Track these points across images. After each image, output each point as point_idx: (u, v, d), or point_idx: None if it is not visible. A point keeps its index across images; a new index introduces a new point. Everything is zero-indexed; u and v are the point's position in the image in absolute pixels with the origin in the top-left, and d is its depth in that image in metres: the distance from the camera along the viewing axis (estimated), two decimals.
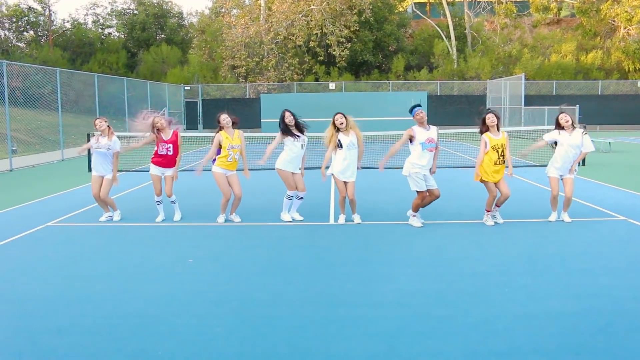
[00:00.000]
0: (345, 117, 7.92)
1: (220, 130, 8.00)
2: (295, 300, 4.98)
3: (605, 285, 5.27)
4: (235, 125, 8.05)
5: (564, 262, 6.08)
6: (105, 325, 4.46)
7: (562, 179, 8.08)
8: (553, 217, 8.20)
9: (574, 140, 7.88)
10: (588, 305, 4.76)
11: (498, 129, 7.84)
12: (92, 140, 8.35)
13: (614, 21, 43.05)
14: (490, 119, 7.77)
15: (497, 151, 7.73)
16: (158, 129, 8.19)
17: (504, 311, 4.65)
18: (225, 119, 7.94)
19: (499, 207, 8.00)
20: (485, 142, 7.79)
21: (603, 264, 5.98)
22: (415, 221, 7.97)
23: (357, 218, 8.21)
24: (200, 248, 6.92)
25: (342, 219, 8.24)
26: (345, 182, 7.98)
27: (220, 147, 7.94)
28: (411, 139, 7.71)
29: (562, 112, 8.04)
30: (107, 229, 8.01)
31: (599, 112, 33.12)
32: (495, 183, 7.80)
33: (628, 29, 41.89)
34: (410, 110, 7.73)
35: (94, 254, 6.71)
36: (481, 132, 7.91)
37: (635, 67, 40.42)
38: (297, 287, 5.35)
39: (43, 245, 7.14)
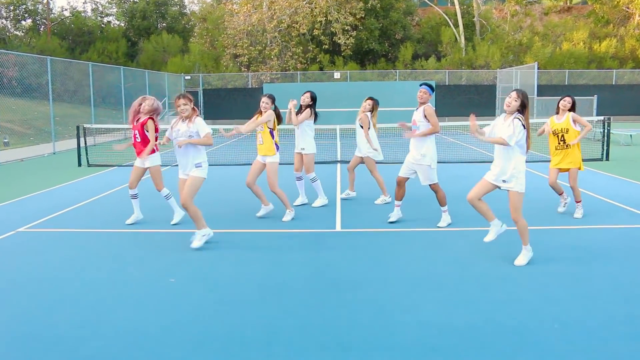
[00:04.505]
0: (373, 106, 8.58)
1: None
2: (295, 341, 3.98)
3: None
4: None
5: (620, 288, 5.09)
6: None
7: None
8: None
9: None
10: None
11: (572, 110, 7.48)
12: (168, 131, 6.55)
13: (628, 8, 41.67)
14: (564, 101, 7.49)
15: (557, 136, 7.40)
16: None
17: None
18: (264, 101, 7.56)
19: (577, 202, 7.66)
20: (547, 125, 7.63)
21: None
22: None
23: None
24: (186, 262, 5.94)
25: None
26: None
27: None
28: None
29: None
30: (84, 236, 7.06)
31: (613, 103, 31.84)
32: (562, 171, 7.59)
33: None
34: None
35: (61, 269, 5.74)
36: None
37: None
38: (298, 320, 4.35)
39: (5, 258, 6.19)
